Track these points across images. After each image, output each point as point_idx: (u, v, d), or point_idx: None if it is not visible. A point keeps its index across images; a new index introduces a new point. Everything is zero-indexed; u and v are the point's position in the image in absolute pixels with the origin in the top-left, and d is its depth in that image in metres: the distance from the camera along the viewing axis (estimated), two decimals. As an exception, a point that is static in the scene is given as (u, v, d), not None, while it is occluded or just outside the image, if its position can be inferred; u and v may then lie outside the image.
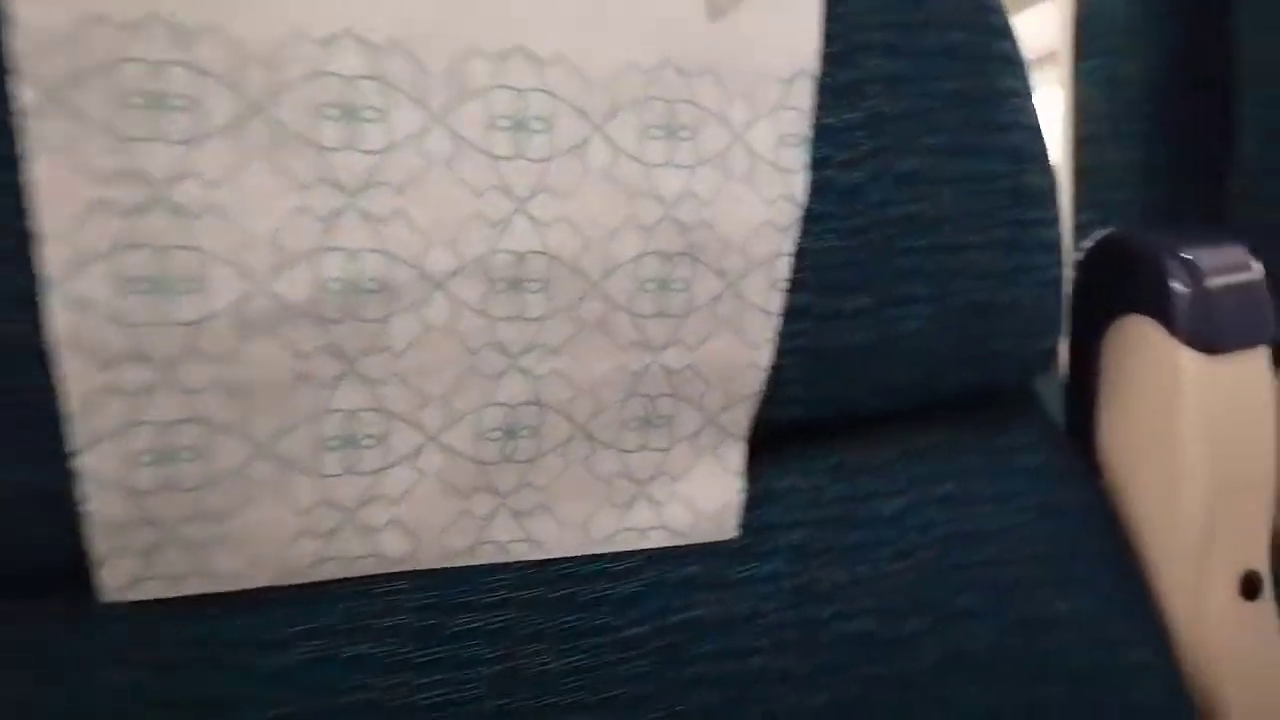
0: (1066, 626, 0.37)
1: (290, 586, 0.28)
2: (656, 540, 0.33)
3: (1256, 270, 0.39)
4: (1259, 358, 0.39)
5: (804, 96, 0.31)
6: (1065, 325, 0.44)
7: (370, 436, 0.28)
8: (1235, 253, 0.40)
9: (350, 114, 0.25)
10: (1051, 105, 0.48)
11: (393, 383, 0.27)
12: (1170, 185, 0.45)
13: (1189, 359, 0.38)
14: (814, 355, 0.34)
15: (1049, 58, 0.51)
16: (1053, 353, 0.39)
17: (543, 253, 0.28)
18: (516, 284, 0.28)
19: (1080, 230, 0.50)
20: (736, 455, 0.33)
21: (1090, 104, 0.48)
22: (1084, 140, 0.48)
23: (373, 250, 0.26)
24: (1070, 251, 0.44)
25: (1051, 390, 0.45)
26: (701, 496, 0.33)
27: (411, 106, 0.26)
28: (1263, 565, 0.40)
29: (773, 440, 0.35)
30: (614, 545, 0.32)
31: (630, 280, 0.29)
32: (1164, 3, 0.46)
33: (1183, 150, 0.45)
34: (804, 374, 0.34)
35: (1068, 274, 0.41)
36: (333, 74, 0.25)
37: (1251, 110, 0.43)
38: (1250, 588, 0.39)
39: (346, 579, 0.29)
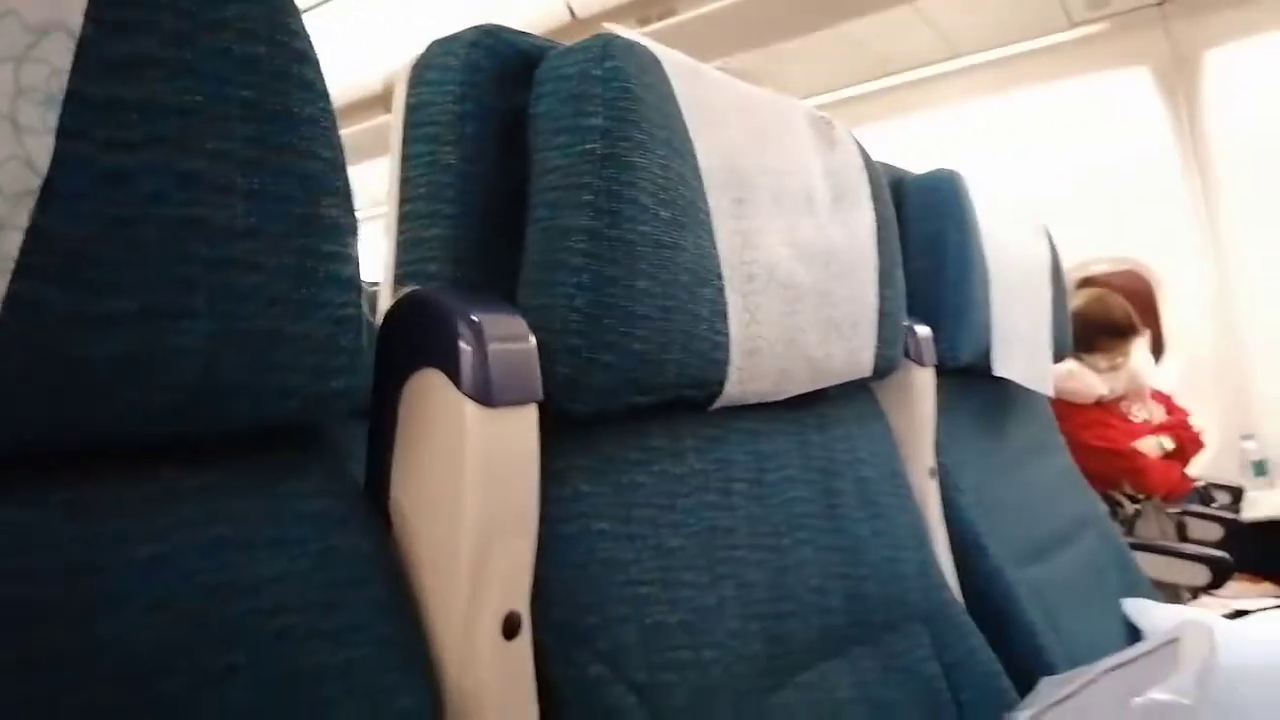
0: (336, 679, 0.36)
1: None
2: None
3: (531, 340, 0.45)
4: (529, 414, 0.44)
5: (61, 54, 0.27)
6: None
7: None
8: (516, 323, 0.45)
9: None
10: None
11: None
12: (476, 262, 0.50)
13: (472, 410, 0.41)
14: (48, 362, 0.28)
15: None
16: (353, 397, 0.39)
17: None
18: None
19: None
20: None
21: (411, 183, 0.51)
22: (404, 216, 0.51)
23: None
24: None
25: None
26: None
27: None
28: (523, 606, 0.44)
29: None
30: None
31: None
32: (480, 105, 0.52)
33: (487, 231, 0.50)
34: (32, 386, 0.28)
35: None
36: None
37: (537, 209, 0.49)
38: (510, 627, 0.43)
39: None
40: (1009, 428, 1.13)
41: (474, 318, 0.42)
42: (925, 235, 0.97)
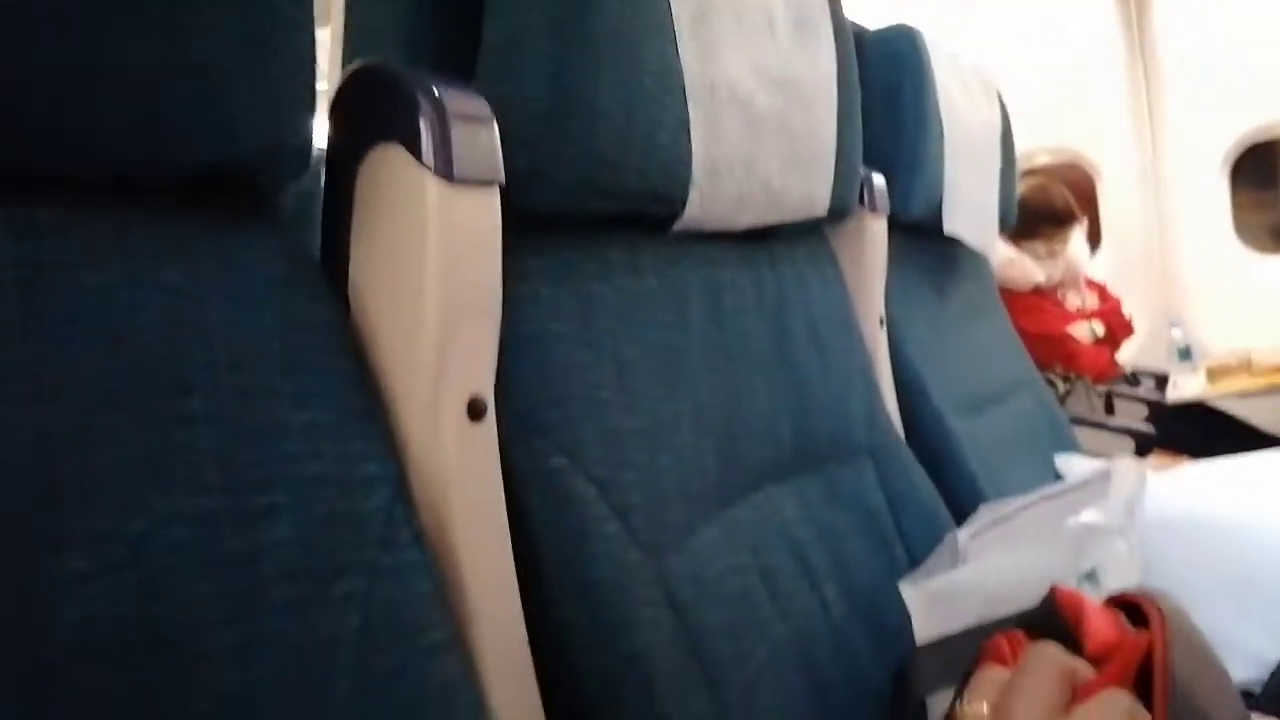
0: (299, 437, 0.35)
1: None
2: None
3: (493, 121, 0.43)
4: (491, 197, 0.43)
5: None
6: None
7: None
8: (477, 102, 0.43)
9: None
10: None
11: None
12: (430, 47, 0.48)
13: (434, 185, 0.40)
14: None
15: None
16: (304, 159, 0.37)
17: None
18: None
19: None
20: None
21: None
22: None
23: None
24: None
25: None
26: None
27: None
28: (487, 390, 0.44)
29: None
30: None
31: None
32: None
33: (441, 16, 0.48)
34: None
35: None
36: None
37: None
38: (476, 411, 0.43)
39: None
40: (954, 288, 1.15)
41: (435, 91, 0.41)
42: (883, 87, 0.96)
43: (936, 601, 0.64)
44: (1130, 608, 0.39)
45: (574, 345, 0.52)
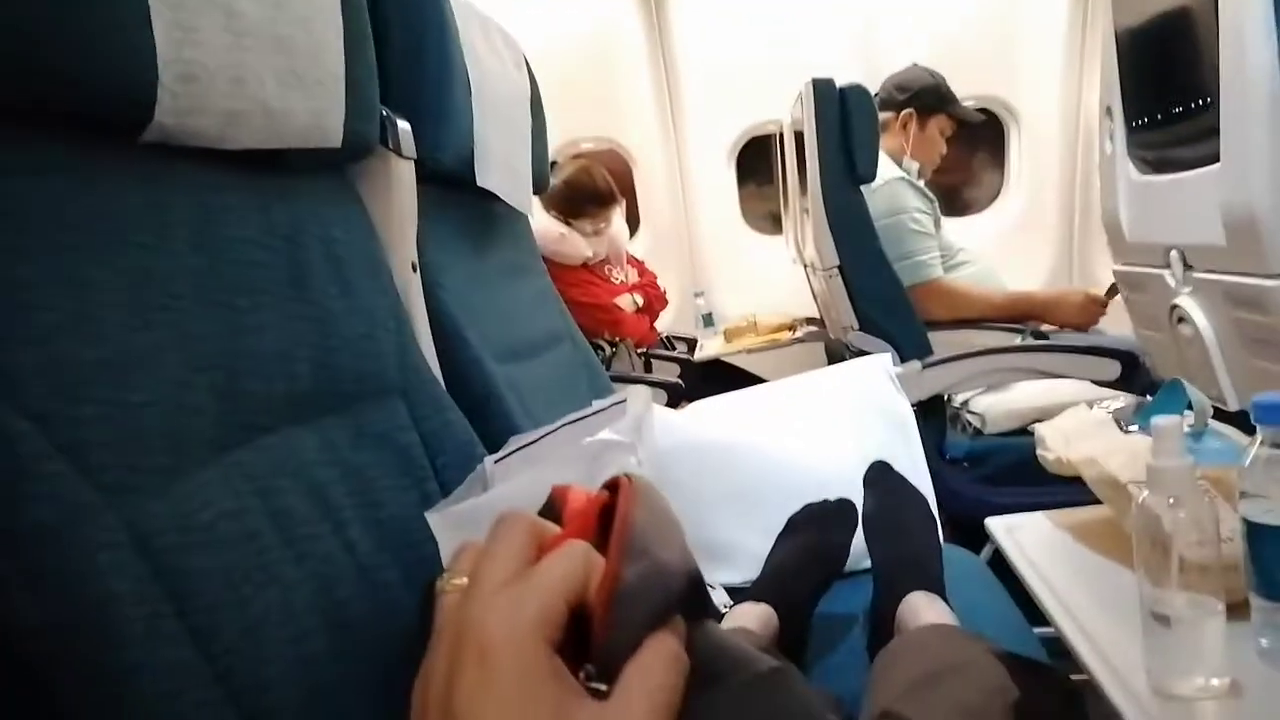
0: None
1: None
2: None
3: None
4: None
5: None
6: None
7: None
8: None
9: None
10: None
11: None
12: None
13: None
14: None
15: None
16: None
17: None
18: None
19: None
20: None
21: None
22: None
23: None
24: None
25: None
26: None
27: None
28: None
29: None
30: None
31: None
32: None
33: None
34: None
35: None
36: None
37: None
38: None
39: None
40: (493, 245, 1.18)
41: None
42: (404, 30, 0.95)
43: (461, 525, 0.65)
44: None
45: (5, 253, 0.43)
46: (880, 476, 1.03)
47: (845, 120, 1.88)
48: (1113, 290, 1.96)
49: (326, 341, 0.69)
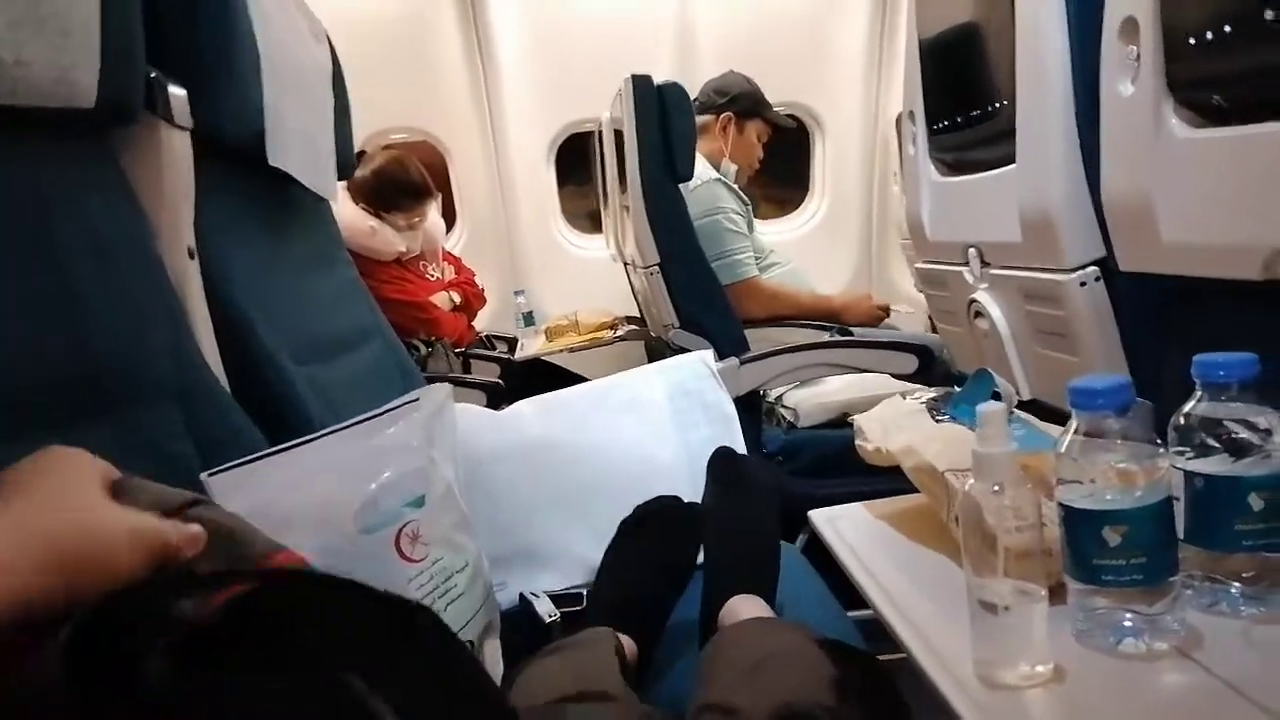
0: None
1: None
2: None
3: None
4: None
5: None
6: None
7: None
8: None
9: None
10: None
11: None
12: None
13: None
14: None
15: None
16: None
17: None
18: None
19: None
20: None
21: None
22: None
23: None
24: None
25: None
26: None
27: None
28: None
29: None
30: None
31: None
32: None
33: None
34: None
35: None
36: None
37: None
38: None
39: None
40: (290, 233, 1.07)
41: None
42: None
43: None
44: None
45: None
46: (724, 465, 1.00)
47: (664, 117, 1.88)
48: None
49: (87, 339, 0.59)
